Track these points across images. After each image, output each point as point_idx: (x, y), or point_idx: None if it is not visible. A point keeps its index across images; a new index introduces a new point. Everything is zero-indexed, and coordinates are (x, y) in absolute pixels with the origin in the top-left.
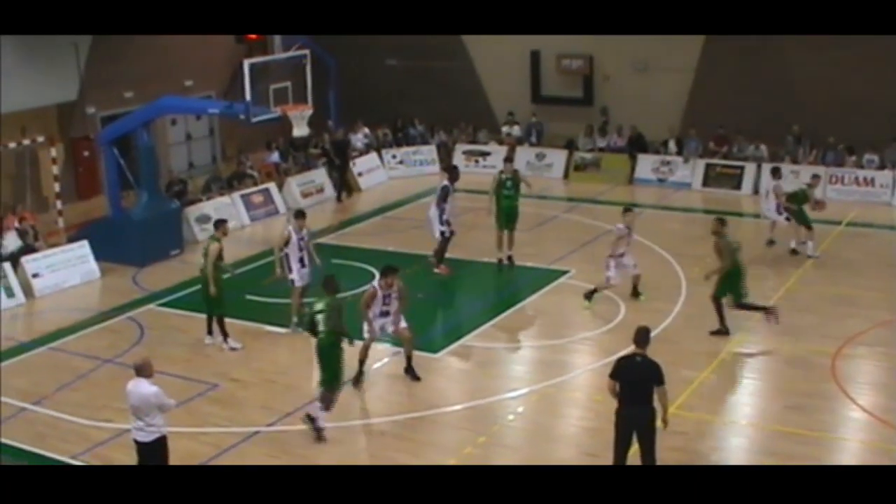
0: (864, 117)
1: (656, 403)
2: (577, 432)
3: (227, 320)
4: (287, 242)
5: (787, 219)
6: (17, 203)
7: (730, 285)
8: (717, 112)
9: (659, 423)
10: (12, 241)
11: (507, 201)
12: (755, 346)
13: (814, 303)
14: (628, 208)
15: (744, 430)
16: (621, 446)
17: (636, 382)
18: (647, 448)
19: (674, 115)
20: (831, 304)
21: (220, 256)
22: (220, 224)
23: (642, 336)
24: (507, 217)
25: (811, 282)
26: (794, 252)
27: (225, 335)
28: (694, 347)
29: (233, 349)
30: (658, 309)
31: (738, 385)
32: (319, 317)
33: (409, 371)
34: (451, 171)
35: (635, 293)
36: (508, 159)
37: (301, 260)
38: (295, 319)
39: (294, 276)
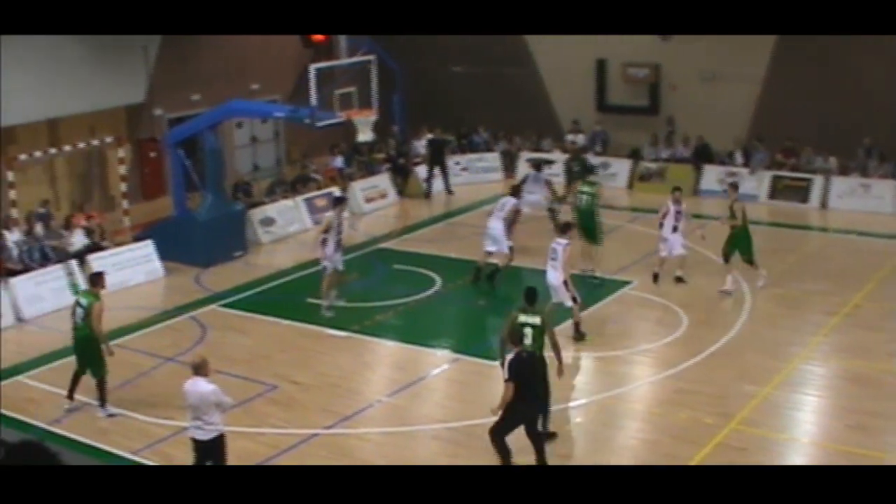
0: None
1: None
2: (635, 444)
3: (289, 323)
4: (328, 228)
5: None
6: (84, 202)
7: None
8: (785, 123)
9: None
10: (79, 239)
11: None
12: (820, 363)
13: (881, 319)
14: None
15: (805, 448)
16: (501, 435)
17: (526, 379)
18: (540, 447)
19: (740, 125)
20: None
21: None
22: (98, 278)
23: (517, 334)
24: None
25: (878, 298)
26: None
27: (71, 394)
28: (757, 362)
29: (111, 416)
30: (721, 322)
31: (801, 402)
32: (528, 331)
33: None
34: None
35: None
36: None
37: (338, 244)
38: (326, 303)
39: (330, 262)
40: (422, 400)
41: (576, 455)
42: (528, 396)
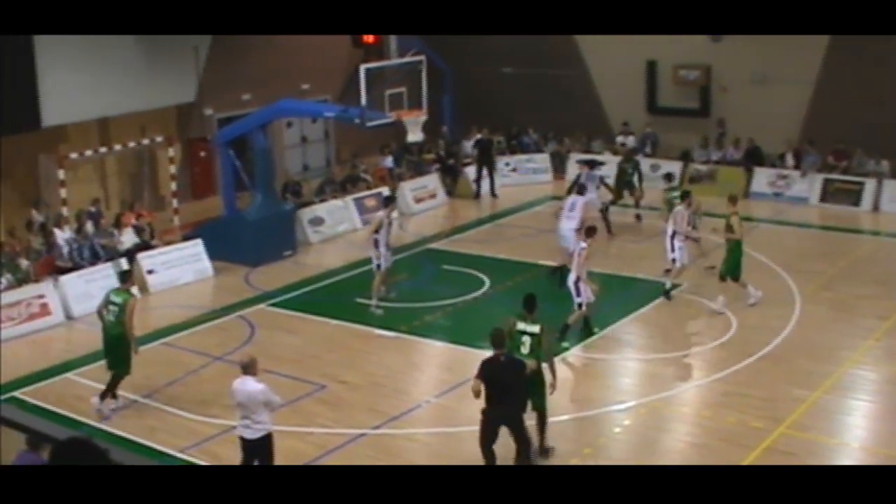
0: None
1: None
2: (684, 448)
3: (338, 323)
4: (379, 228)
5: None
6: (134, 201)
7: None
8: (837, 125)
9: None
10: (129, 238)
11: None
12: (870, 367)
13: None
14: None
15: (855, 453)
16: (487, 443)
17: (502, 383)
18: (524, 447)
19: (792, 127)
20: None
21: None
22: (129, 275)
23: (498, 338)
24: None
25: None
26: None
27: (114, 394)
28: (807, 366)
29: (100, 412)
30: (770, 326)
31: (852, 407)
32: (525, 339)
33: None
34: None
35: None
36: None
37: (387, 244)
38: (375, 301)
39: (381, 260)
40: (469, 401)
41: (623, 457)
42: (504, 401)
